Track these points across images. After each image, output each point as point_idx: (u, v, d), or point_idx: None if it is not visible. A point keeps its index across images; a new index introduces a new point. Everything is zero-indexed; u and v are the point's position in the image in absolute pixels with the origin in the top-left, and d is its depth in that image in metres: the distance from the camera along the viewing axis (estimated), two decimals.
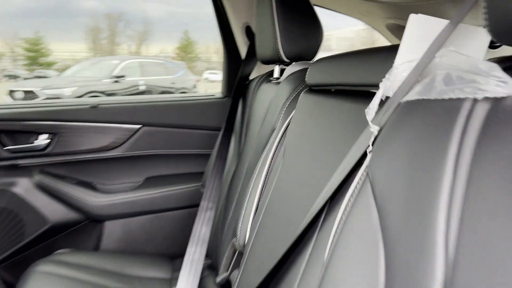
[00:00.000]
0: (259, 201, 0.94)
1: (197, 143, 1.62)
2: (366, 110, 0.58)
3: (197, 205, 1.18)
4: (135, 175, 1.61)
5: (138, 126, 1.55)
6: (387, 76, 0.57)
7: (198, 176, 1.61)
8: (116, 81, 6.76)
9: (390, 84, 0.57)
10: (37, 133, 1.43)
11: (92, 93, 6.24)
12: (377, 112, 0.57)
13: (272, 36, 1.06)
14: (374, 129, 0.56)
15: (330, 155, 0.70)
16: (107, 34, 19.49)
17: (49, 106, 1.48)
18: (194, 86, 8.14)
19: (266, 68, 1.44)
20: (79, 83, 6.43)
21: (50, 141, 1.44)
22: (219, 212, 1.25)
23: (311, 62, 1.10)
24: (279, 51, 1.06)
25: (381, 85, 0.58)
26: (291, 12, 1.05)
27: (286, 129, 0.94)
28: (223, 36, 1.56)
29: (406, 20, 0.57)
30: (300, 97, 0.91)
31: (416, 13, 0.57)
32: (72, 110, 1.47)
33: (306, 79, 0.89)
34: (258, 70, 1.48)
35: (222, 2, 1.45)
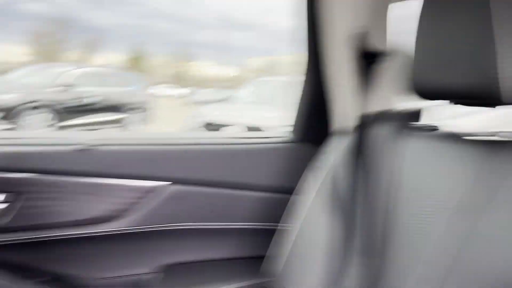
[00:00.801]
0: None
1: (251, 212, 1.02)
2: None
3: None
4: (140, 263, 0.98)
5: (162, 184, 0.93)
6: None
7: (255, 264, 0.99)
8: (64, 91, 5.89)
9: None
10: None
11: (35, 102, 5.43)
12: None
13: (481, 56, 0.53)
14: None
15: None
16: (54, 39, 17.85)
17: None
18: (154, 102, 7.33)
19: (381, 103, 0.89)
20: (19, 90, 5.56)
21: (8, 206, 0.83)
22: None
23: None
24: (497, 84, 0.53)
25: None
26: None
27: None
28: (310, 48, 0.98)
29: None
30: None
31: None
32: (47, 154, 0.85)
33: None
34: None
35: None
